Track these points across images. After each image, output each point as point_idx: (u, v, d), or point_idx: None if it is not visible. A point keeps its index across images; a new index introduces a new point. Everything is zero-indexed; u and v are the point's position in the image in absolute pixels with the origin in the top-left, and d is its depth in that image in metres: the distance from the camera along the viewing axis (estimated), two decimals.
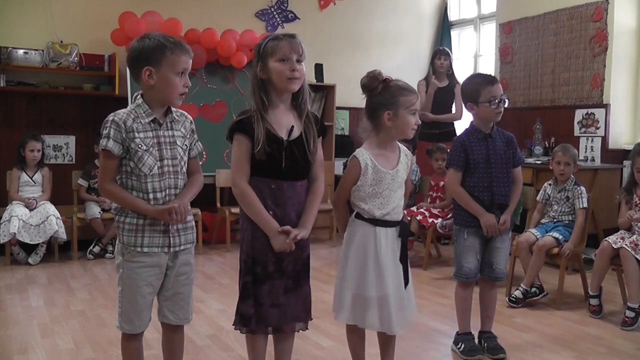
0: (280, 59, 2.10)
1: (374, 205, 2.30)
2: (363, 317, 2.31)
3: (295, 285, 2.24)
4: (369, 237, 2.31)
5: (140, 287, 2.09)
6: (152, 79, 2.03)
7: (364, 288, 2.29)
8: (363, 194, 2.30)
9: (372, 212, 2.30)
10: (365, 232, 2.31)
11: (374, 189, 2.30)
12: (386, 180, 2.31)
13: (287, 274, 2.21)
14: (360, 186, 2.30)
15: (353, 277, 2.30)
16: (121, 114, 2.05)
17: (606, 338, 3.24)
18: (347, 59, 6.82)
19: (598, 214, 4.36)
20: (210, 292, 4.03)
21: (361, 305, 2.30)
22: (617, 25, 5.30)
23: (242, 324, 2.21)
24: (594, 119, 5.44)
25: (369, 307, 2.29)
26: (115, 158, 2.04)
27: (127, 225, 2.08)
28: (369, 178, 2.29)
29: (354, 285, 2.30)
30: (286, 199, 2.16)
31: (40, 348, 2.97)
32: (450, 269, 3.91)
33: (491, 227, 2.83)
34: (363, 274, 2.29)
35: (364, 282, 2.29)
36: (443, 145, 5.08)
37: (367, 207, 2.30)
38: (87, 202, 5.10)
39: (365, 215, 2.31)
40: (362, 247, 2.31)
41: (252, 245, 2.17)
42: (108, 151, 2.02)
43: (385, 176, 2.31)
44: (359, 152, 2.33)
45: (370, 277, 2.28)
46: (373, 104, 2.30)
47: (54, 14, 5.46)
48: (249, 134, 2.11)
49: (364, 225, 2.32)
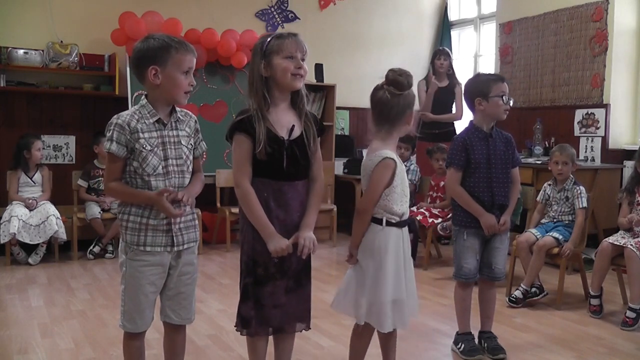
0: (287, 56, 2.11)
1: (403, 204, 2.27)
2: (402, 318, 2.30)
3: (296, 285, 2.23)
4: (399, 241, 2.28)
5: (143, 286, 2.09)
6: (158, 78, 2.03)
7: (399, 292, 2.27)
8: (396, 195, 2.25)
9: (402, 211, 2.27)
10: (397, 236, 2.27)
11: (401, 188, 2.27)
12: (405, 178, 2.30)
13: (288, 274, 2.20)
14: (394, 187, 2.24)
15: (391, 284, 2.25)
16: (124, 115, 2.05)
17: (606, 338, 3.24)
18: (347, 59, 6.82)
19: (598, 214, 4.37)
20: (211, 292, 4.03)
21: (399, 308, 2.28)
22: (617, 25, 5.30)
23: (243, 325, 2.20)
24: (594, 119, 5.44)
25: (404, 308, 2.29)
26: (119, 160, 2.05)
27: (130, 224, 2.08)
28: (398, 177, 2.25)
29: (393, 292, 2.25)
30: (288, 200, 2.16)
31: (40, 348, 2.97)
32: (450, 269, 3.90)
33: (491, 228, 2.84)
34: (398, 278, 2.27)
35: (400, 286, 2.27)
36: (443, 145, 5.08)
37: (399, 209, 2.26)
38: (87, 202, 5.10)
39: (394, 220, 2.26)
40: (396, 253, 2.26)
41: (253, 246, 2.16)
42: (112, 154, 2.03)
43: (404, 172, 2.30)
44: (387, 152, 2.23)
45: (402, 279, 2.28)
46: (401, 103, 2.25)
47: (54, 14, 5.46)
48: (250, 134, 2.10)
49: (395, 230, 2.27)
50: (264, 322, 2.20)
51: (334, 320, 3.31)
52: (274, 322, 2.21)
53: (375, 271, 2.25)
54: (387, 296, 2.24)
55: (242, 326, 2.21)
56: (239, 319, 2.22)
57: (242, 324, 2.21)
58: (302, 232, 2.15)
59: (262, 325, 2.21)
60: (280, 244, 2.09)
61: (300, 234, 2.15)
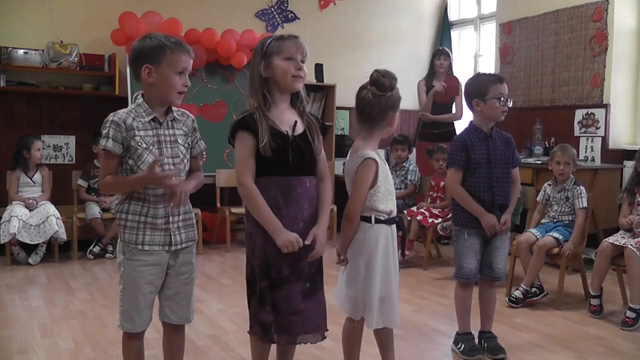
0: (287, 58, 2.11)
1: (388, 203, 2.30)
2: (390, 316, 2.31)
3: (312, 289, 2.21)
4: (389, 237, 2.31)
5: (142, 286, 2.09)
6: (152, 77, 2.04)
7: (389, 289, 2.29)
8: (380, 194, 2.28)
9: (390, 209, 2.30)
10: (386, 233, 2.30)
11: (385, 187, 2.30)
12: (389, 176, 2.33)
13: (303, 276, 2.18)
14: (378, 187, 2.28)
15: (379, 280, 2.28)
16: (120, 113, 2.05)
17: (606, 338, 3.24)
18: (347, 59, 6.82)
19: (598, 214, 4.37)
20: (211, 292, 4.03)
21: (388, 306, 2.30)
22: (617, 25, 5.30)
23: (264, 332, 2.14)
24: (594, 119, 5.44)
25: (394, 306, 2.31)
26: (115, 157, 2.05)
27: (128, 223, 2.08)
28: (382, 177, 2.29)
29: (381, 289, 2.28)
30: (298, 196, 2.15)
31: (40, 348, 2.97)
32: (450, 269, 3.90)
33: (492, 227, 2.84)
34: (387, 276, 2.29)
35: (389, 284, 2.29)
36: (443, 145, 5.07)
37: (385, 207, 2.29)
38: (87, 202, 5.10)
39: (383, 217, 2.29)
40: (386, 250, 2.29)
41: (264, 249, 2.13)
42: (108, 151, 2.03)
43: (387, 171, 2.33)
44: (369, 153, 2.27)
45: (392, 276, 2.31)
46: (382, 104, 2.25)
47: (54, 14, 5.46)
48: (253, 131, 2.10)
49: (384, 227, 2.30)
50: (284, 329, 2.16)
51: (334, 320, 3.29)
52: (294, 330, 2.17)
53: (365, 268, 2.28)
54: (375, 293, 2.27)
55: (263, 334, 2.14)
56: (258, 326, 2.16)
57: (263, 331, 2.14)
58: (319, 232, 2.15)
59: (282, 333, 2.16)
60: (289, 237, 2.08)
61: (318, 235, 2.14)
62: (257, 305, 2.16)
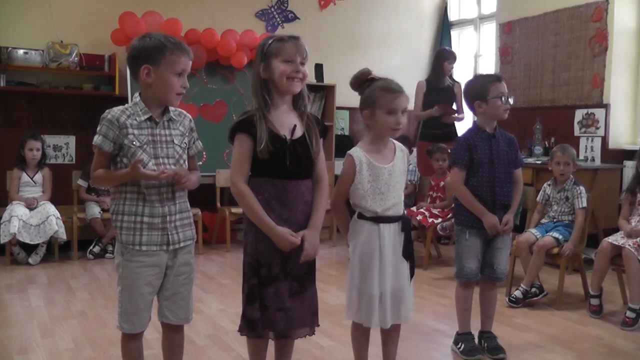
0: (285, 60, 2.11)
1: (374, 202, 2.31)
2: (368, 315, 2.32)
3: (300, 287, 2.22)
4: (373, 235, 2.31)
5: (140, 287, 2.09)
6: (150, 78, 2.04)
7: (369, 286, 2.30)
8: (362, 191, 2.31)
9: (373, 209, 2.31)
10: (370, 230, 2.32)
11: (372, 185, 2.31)
12: (383, 176, 2.33)
13: (291, 275, 2.20)
14: (358, 184, 2.31)
15: (358, 276, 2.32)
16: (115, 111, 2.06)
17: (606, 338, 3.24)
18: (347, 59, 6.81)
19: (598, 214, 4.36)
20: (210, 292, 4.03)
21: (367, 303, 2.31)
22: (617, 25, 5.30)
23: (249, 328, 2.18)
24: (594, 119, 5.44)
25: (373, 305, 2.30)
26: (106, 154, 2.05)
27: (125, 224, 2.08)
28: (365, 175, 2.30)
29: (359, 284, 2.31)
30: (292, 199, 2.16)
31: (40, 348, 2.97)
32: (450, 269, 3.91)
33: (493, 228, 2.84)
34: (368, 273, 2.30)
35: (368, 281, 2.30)
36: (443, 146, 5.07)
37: (369, 205, 2.31)
38: (87, 202, 5.10)
39: (367, 214, 2.32)
40: (367, 246, 2.31)
41: (256, 247, 2.16)
42: (99, 147, 2.05)
43: (382, 171, 2.33)
44: (352, 150, 2.36)
45: (375, 275, 2.30)
46: (360, 103, 2.38)
47: (54, 14, 5.46)
48: (251, 133, 2.10)
49: (368, 224, 2.32)
50: (269, 325, 2.18)
51: (334, 320, 3.31)
52: (278, 326, 2.20)
53: (351, 262, 2.37)
54: (353, 287, 2.33)
55: (248, 329, 2.18)
56: (245, 321, 2.19)
57: (248, 327, 2.18)
58: (308, 233, 2.17)
59: (267, 329, 2.19)
60: (284, 234, 2.12)
61: (306, 236, 2.16)
62: (245, 301, 2.20)
